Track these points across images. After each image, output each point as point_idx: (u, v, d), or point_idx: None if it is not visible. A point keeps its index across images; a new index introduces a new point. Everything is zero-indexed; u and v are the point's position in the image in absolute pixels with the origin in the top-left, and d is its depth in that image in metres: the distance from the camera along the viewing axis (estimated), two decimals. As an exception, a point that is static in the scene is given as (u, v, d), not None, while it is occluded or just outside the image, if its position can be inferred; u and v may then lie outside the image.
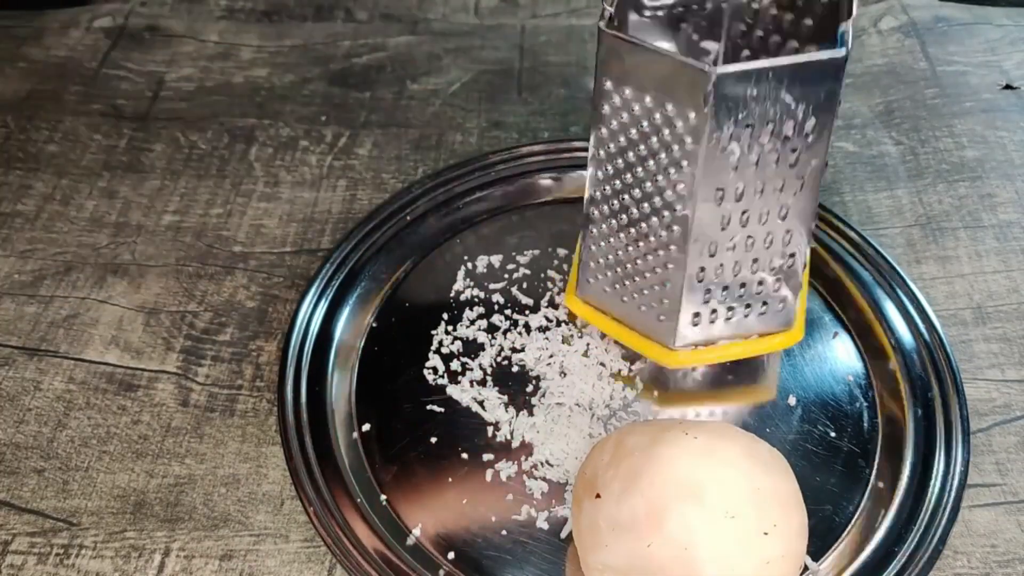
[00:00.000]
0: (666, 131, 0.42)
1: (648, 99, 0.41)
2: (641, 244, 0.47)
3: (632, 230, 0.47)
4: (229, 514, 0.50)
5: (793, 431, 0.52)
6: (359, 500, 0.49)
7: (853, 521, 0.49)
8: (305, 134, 0.72)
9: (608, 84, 0.42)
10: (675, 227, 0.45)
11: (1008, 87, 0.74)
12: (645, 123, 0.42)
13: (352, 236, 0.61)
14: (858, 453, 0.52)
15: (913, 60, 0.77)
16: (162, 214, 0.66)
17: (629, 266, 0.49)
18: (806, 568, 0.47)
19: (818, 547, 0.48)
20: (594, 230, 0.48)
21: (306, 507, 0.48)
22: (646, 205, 0.46)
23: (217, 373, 0.56)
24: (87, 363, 0.57)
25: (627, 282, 0.50)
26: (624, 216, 0.47)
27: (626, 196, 0.46)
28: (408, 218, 0.63)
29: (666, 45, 0.51)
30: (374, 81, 0.77)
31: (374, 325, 0.58)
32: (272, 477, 0.51)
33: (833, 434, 0.52)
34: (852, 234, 0.61)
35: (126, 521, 0.50)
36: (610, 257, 0.49)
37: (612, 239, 0.48)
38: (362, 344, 0.57)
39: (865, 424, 0.53)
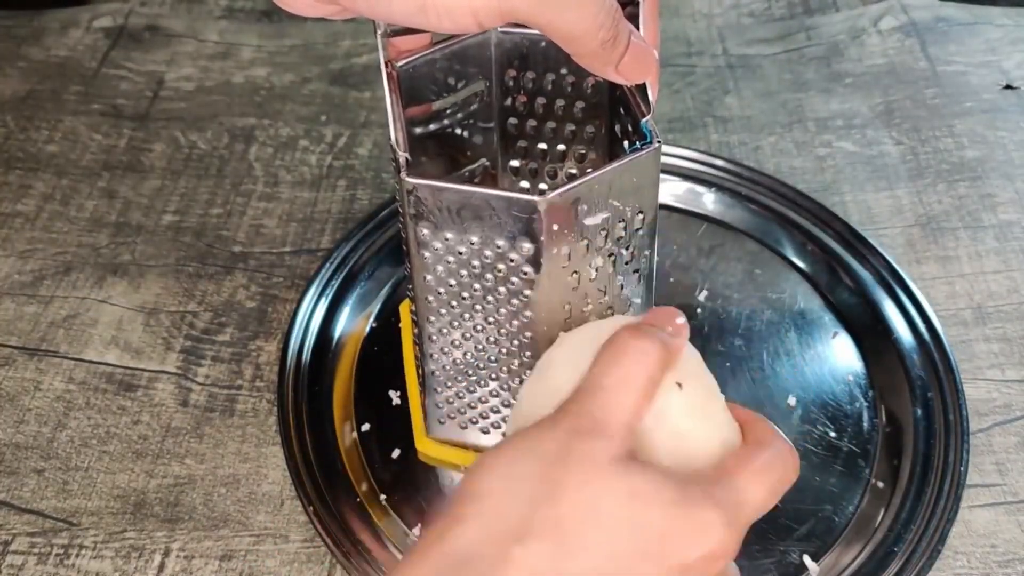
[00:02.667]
0: (501, 266, 0.40)
1: (475, 239, 0.40)
2: (493, 378, 0.46)
3: (481, 367, 0.46)
4: (229, 514, 0.50)
5: (793, 431, 0.52)
6: (359, 500, 0.49)
7: (853, 521, 0.49)
8: (305, 134, 0.72)
9: (425, 231, 0.40)
10: (527, 353, 0.43)
11: (1008, 87, 0.74)
12: (476, 263, 0.41)
13: (352, 236, 0.61)
14: (858, 453, 0.52)
15: (913, 60, 0.77)
16: (162, 214, 0.66)
17: (482, 401, 0.47)
18: (806, 568, 0.47)
19: (818, 547, 0.48)
20: (437, 373, 0.47)
21: (306, 507, 0.48)
22: (492, 339, 0.44)
23: (217, 373, 0.56)
24: (87, 363, 0.57)
25: (485, 417, 0.48)
26: (469, 356, 0.45)
27: (469, 337, 0.45)
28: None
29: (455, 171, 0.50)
30: (374, 81, 0.77)
31: (374, 325, 0.58)
32: (272, 477, 0.51)
33: (833, 434, 0.52)
34: (852, 234, 0.61)
35: (126, 521, 0.50)
36: (461, 396, 0.48)
37: (459, 378, 0.47)
38: (362, 344, 0.57)
39: (865, 424, 0.53)
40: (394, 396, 0.54)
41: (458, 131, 0.49)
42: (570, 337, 0.40)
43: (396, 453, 0.52)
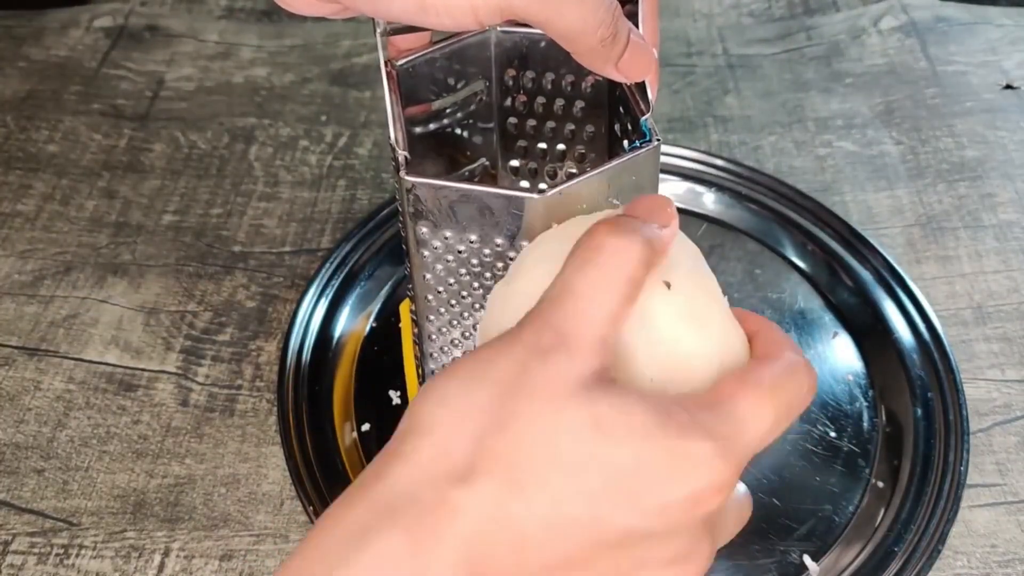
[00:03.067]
0: (500, 264, 0.40)
1: (474, 237, 0.40)
2: None
3: None
4: (229, 514, 0.50)
5: (793, 431, 0.52)
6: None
7: (853, 521, 0.49)
8: (305, 134, 0.72)
9: (424, 230, 0.40)
10: None
11: (1008, 87, 0.74)
12: (475, 261, 0.41)
13: (352, 236, 0.61)
14: (858, 453, 0.52)
15: (913, 60, 0.77)
16: (162, 214, 0.66)
17: None
18: (806, 568, 0.47)
19: (818, 547, 0.48)
20: (438, 373, 0.46)
21: (306, 507, 0.48)
22: None
23: (217, 373, 0.56)
24: (87, 363, 0.57)
25: None
26: None
27: (469, 335, 0.44)
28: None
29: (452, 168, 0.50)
30: (374, 81, 0.77)
31: (374, 325, 0.58)
32: (272, 477, 0.51)
33: (833, 434, 0.52)
34: (852, 234, 0.61)
35: (126, 521, 0.50)
36: None
37: None
38: (362, 344, 0.57)
39: (865, 424, 0.53)
40: (394, 396, 0.54)
41: (458, 131, 0.49)
42: (548, 235, 0.35)
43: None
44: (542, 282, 0.30)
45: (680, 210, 0.63)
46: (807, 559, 0.47)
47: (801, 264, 0.61)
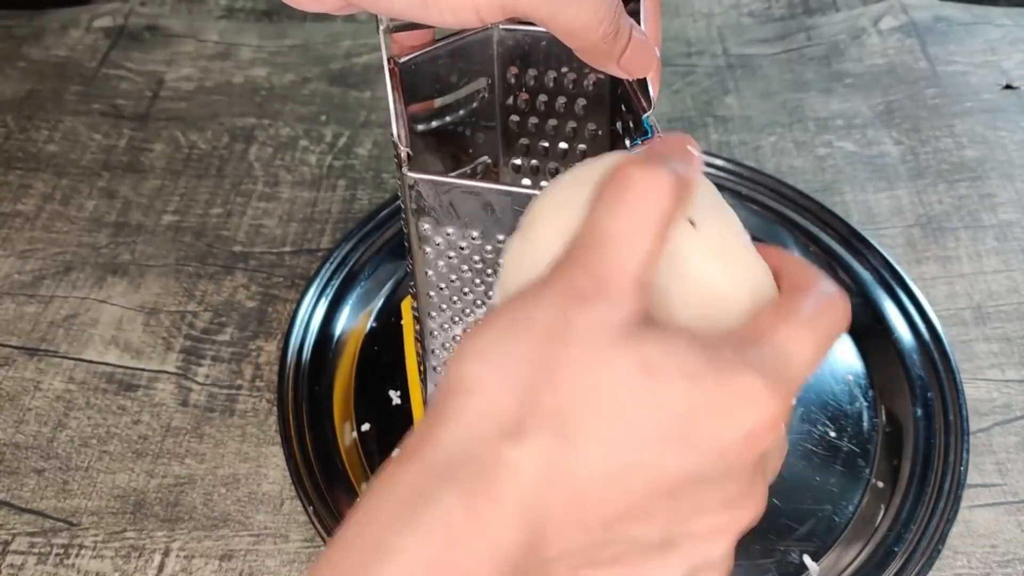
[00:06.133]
0: (501, 261, 0.40)
1: (476, 234, 0.40)
2: None
3: None
4: (229, 514, 0.50)
5: (793, 431, 0.52)
6: (359, 500, 0.49)
7: (853, 521, 0.49)
8: (305, 134, 0.72)
9: (426, 227, 0.40)
10: None
11: (1008, 87, 0.74)
12: (477, 258, 0.41)
13: (352, 236, 0.61)
14: (858, 453, 0.52)
15: (913, 60, 0.77)
16: (162, 214, 0.66)
17: None
18: (806, 568, 0.47)
19: (818, 547, 0.48)
20: (439, 370, 0.47)
21: (306, 507, 0.48)
22: None
23: (217, 373, 0.56)
24: (87, 363, 0.57)
25: None
26: None
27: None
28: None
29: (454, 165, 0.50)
30: (374, 81, 0.77)
31: (374, 325, 0.58)
32: (272, 477, 0.51)
33: (833, 434, 0.52)
34: (852, 234, 0.61)
35: (126, 521, 0.50)
36: None
37: None
38: (362, 344, 0.57)
39: (865, 424, 0.53)
40: (394, 396, 0.54)
41: (460, 128, 0.49)
42: (556, 182, 0.32)
43: (396, 453, 0.51)
44: (564, 229, 0.28)
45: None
46: (807, 559, 0.47)
47: (801, 264, 0.61)
